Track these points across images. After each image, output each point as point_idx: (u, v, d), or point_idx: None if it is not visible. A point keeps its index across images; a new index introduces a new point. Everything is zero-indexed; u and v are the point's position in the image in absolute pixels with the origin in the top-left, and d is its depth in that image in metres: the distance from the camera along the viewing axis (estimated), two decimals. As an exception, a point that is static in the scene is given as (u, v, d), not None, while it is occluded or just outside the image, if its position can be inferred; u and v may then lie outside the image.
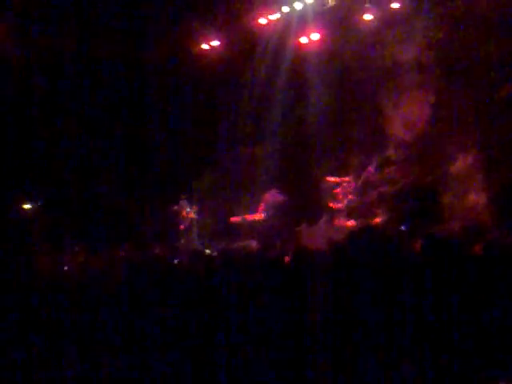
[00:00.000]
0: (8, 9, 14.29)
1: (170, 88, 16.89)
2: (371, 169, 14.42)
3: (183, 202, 15.49)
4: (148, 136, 16.71)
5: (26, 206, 16.41)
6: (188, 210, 15.35)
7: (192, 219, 15.35)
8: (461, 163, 12.68)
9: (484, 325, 5.25)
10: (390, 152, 14.29)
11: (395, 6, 14.36)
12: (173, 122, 16.90)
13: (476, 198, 12.21)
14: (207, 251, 14.18)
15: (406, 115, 14.04)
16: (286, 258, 7.33)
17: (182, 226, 15.40)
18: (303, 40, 15.96)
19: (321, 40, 15.71)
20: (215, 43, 16.81)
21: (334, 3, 14.98)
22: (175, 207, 15.48)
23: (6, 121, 15.42)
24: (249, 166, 16.35)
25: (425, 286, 5.59)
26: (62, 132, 16.00)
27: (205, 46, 16.92)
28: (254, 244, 14.42)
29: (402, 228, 11.97)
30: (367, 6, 14.60)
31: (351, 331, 5.77)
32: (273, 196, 15.05)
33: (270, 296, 6.52)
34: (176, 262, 9.28)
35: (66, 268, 10.06)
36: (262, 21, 16.02)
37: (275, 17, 15.92)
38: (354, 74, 15.26)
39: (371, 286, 5.81)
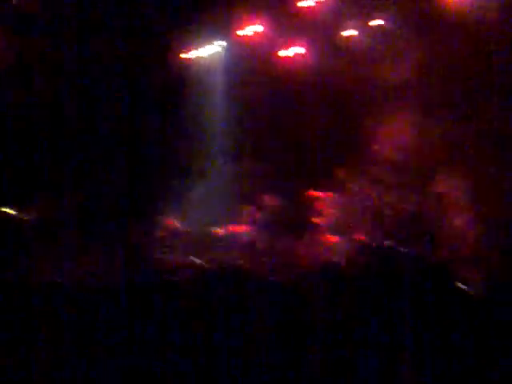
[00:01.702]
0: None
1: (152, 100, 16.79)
2: (355, 185, 14.56)
3: (166, 213, 15.39)
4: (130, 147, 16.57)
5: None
6: (171, 220, 15.27)
7: (175, 230, 15.25)
8: (448, 185, 12.87)
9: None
10: (375, 170, 14.44)
11: (378, 22, 14.59)
12: (153, 133, 16.80)
13: (464, 221, 12.41)
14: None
15: (393, 134, 14.21)
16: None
17: (162, 237, 15.27)
18: (288, 53, 16.02)
19: (306, 55, 15.80)
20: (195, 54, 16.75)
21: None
22: (157, 218, 15.39)
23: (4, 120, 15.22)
24: (232, 178, 16.35)
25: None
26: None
27: (186, 56, 16.85)
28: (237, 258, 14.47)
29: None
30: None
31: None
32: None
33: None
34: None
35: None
36: (248, 32, 16.01)
37: (260, 29, 15.95)
38: (339, 91, 15.39)
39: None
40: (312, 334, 6.29)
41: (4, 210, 14.70)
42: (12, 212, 14.66)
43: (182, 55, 16.86)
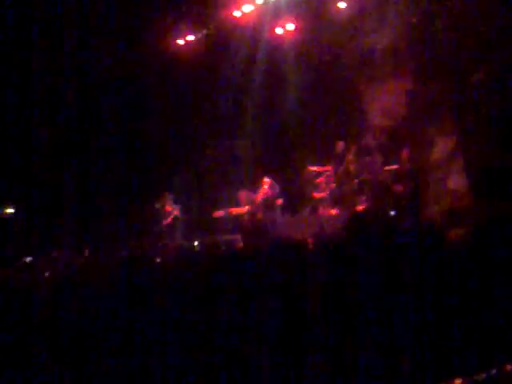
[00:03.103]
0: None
1: (146, 86, 16.83)
2: (351, 157, 14.42)
3: (167, 199, 15.40)
4: (127, 134, 16.67)
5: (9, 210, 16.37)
6: (171, 206, 15.29)
7: (175, 215, 15.27)
8: (440, 148, 12.73)
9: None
10: (369, 139, 14.33)
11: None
12: (152, 118, 16.85)
13: (456, 183, 12.28)
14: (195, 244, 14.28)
15: (384, 102, 14.09)
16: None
17: (164, 223, 15.33)
18: (278, 31, 16.00)
19: (296, 30, 15.75)
20: (190, 38, 16.78)
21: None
22: (157, 205, 15.42)
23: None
24: (230, 159, 16.36)
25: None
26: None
27: (180, 42, 16.89)
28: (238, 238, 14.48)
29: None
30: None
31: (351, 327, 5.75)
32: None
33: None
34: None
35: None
36: (237, 13, 16.00)
37: (249, 9, 15.89)
38: (331, 64, 15.29)
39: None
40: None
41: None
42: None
43: (177, 40, 16.84)
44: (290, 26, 15.82)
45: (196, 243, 13.84)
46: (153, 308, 6.65)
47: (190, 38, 16.86)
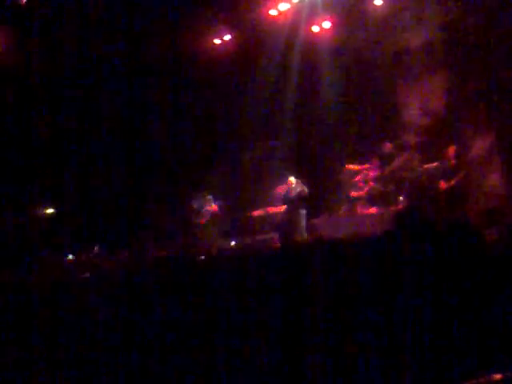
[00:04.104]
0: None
1: (182, 83, 16.92)
2: (388, 155, 14.36)
3: (206, 198, 15.47)
4: (161, 133, 16.74)
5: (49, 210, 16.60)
6: (211, 204, 15.35)
7: (213, 214, 15.32)
8: (478, 147, 12.59)
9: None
10: (407, 137, 14.21)
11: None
12: (187, 117, 16.94)
13: (495, 183, 12.14)
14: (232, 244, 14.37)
15: (421, 100, 13.98)
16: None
17: (202, 221, 15.37)
18: (315, 29, 15.96)
19: (332, 28, 15.70)
20: (227, 37, 16.85)
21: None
22: (195, 204, 15.49)
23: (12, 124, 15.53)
24: (267, 159, 16.37)
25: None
26: (65, 132, 16.11)
27: (216, 41, 16.98)
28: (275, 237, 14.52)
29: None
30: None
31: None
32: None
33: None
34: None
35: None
36: (273, 12, 16.00)
37: (285, 7, 15.89)
38: (367, 61, 15.21)
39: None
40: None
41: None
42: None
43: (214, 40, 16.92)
44: (327, 24, 15.78)
45: (233, 243, 13.94)
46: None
47: (227, 37, 16.94)
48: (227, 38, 16.96)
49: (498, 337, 5.18)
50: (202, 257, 9.28)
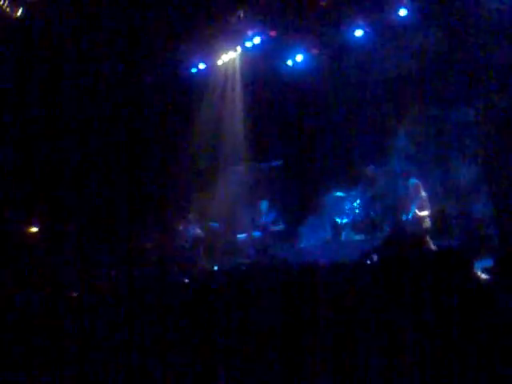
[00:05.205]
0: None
1: (172, 104, 16.83)
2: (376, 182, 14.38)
3: (191, 220, 15.39)
4: (149, 152, 16.60)
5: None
6: (194, 227, 15.26)
7: (198, 237, 15.21)
8: (464, 175, 12.66)
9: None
10: (394, 164, 14.26)
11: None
12: (176, 136, 16.82)
13: (481, 210, 12.19)
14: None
15: (409, 127, 14.07)
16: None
17: (186, 244, 15.24)
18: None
19: (318, 56, 15.60)
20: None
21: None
22: (180, 226, 15.39)
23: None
24: (254, 182, 16.30)
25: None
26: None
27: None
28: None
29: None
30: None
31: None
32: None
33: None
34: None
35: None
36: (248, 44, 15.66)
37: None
38: (357, 88, 15.25)
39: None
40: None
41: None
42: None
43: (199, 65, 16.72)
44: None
45: (216, 267, 13.84)
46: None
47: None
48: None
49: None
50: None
